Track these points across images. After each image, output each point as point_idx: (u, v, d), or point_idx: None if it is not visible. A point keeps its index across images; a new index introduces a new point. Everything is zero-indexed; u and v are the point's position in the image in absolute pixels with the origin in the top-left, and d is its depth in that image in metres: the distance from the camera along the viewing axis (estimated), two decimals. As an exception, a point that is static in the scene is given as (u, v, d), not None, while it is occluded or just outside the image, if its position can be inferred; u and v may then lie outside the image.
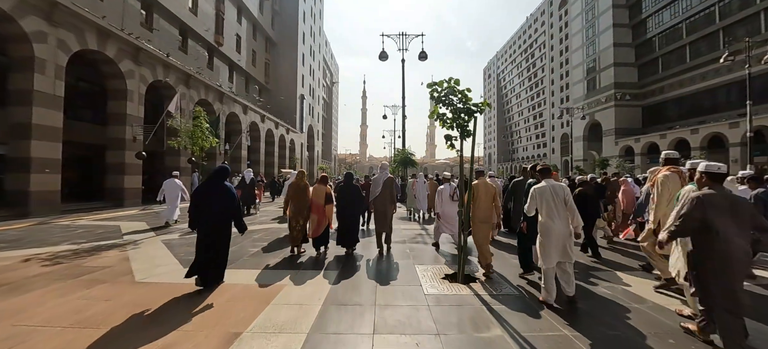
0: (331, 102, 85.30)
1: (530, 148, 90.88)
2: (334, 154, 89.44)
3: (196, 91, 19.93)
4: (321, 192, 5.99)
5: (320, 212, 5.93)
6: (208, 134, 9.14)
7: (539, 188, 3.86)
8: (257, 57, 37.79)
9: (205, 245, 4.06)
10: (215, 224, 4.13)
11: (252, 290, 4.14)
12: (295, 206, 5.99)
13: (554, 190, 3.77)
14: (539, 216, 3.84)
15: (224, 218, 4.22)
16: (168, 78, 17.31)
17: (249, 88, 36.32)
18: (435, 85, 4.53)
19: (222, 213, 4.18)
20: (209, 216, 4.10)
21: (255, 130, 29.97)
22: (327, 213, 5.95)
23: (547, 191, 3.77)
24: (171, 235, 7.79)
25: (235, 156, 26.26)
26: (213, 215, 4.12)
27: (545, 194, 3.77)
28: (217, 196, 4.18)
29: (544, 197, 3.76)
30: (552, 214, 3.71)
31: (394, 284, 4.43)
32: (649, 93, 45.80)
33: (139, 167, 15.46)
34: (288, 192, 6.14)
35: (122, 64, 14.48)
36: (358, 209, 6.27)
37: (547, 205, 3.74)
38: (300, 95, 44.94)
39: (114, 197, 14.69)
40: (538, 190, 3.85)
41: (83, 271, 4.78)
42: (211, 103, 21.55)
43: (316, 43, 55.90)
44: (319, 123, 61.66)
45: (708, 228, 2.69)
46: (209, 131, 9.42)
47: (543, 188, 3.82)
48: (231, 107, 24.65)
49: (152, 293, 3.95)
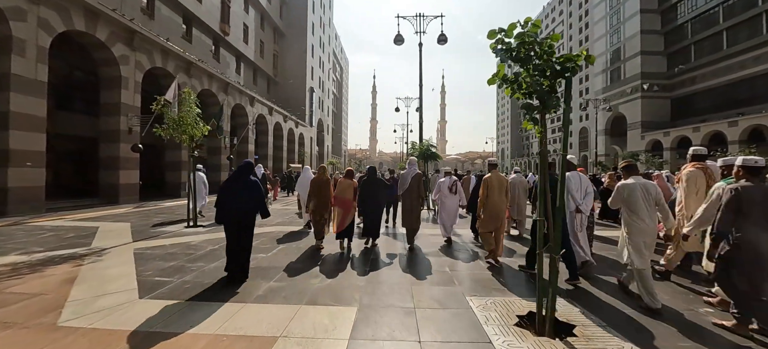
0: (340, 97, 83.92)
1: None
2: (344, 150, 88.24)
3: (198, 81, 18.70)
4: (347, 187, 6.05)
5: (346, 206, 5.96)
6: (198, 121, 7.68)
7: (628, 184, 3.66)
8: (265, 48, 36.54)
9: (231, 240, 4.15)
10: (240, 219, 4.15)
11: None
12: (318, 200, 6.01)
13: (646, 188, 3.58)
14: (625, 214, 3.69)
15: (249, 212, 4.23)
16: (167, 66, 16.09)
17: (257, 81, 35.16)
18: (503, 31, 2.96)
19: (247, 207, 4.19)
20: (234, 211, 4.11)
21: (263, 124, 28.77)
22: (353, 207, 6.04)
23: (637, 189, 3.58)
24: (155, 242, 6.46)
25: (242, 150, 25.08)
26: (238, 209, 4.13)
27: (635, 192, 3.57)
28: (242, 190, 4.18)
29: (635, 194, 3.57)
30: (643, 213, 3.52)
31: (449, 340, 2.84)
32: (679, 83, 42.84)
33: (135, 161, 14.32)
34: (311, 187, 6.16)
35: (115, 48, 13.27)
36: (381, 202, 6.37)
37: (636, 203, 3.54)
38: (309, 88, 43.63)
39: (108, 193, 13.58)
40: (627, 187, 3.64)
41: (0, 301, 3.43)
42: (215, 94, 20.34)
43: (326, 35, 54.44)
44: (329, 117, 60.38)
45: (742, 220, 2.81)
46: (200, 117, 7.92)
47: (633, 186, 3.62)
48: (237, 99, 23.42)
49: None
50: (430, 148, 11.34)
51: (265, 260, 5.27)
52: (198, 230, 7.64)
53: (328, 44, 57.19)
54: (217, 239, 6.49)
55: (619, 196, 3.69)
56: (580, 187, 4.55)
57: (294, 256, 5.53)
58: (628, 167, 3.85)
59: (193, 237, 6.88)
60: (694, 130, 36.90)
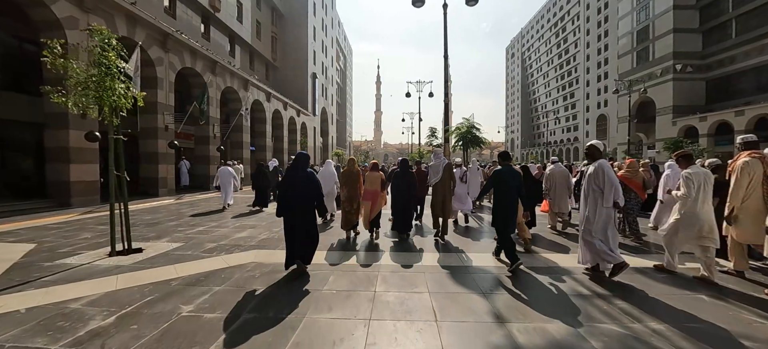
0: (344, 86, 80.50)
1: (558, 132, 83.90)
2: (349, 142, 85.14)
3: (178, 57, 15.71)
4: (375, 179, 6.23)
5: (374, 198, 6.09)
6: (122, 84, 4.68)
7: (695, 171, 3.95)
8: (263, 29, 33.33)
9: (289, 232, 4.11)
10: (304, 210, 4.15)
11: None
12: (348, 191, 6.11)
13: (707, 177, 3.95)
14: (684, 198, 3.95)
15: (311, 202, 4.21)
16: (136, 36, 13.10)
17: (254, 65, 32.08)
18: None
19: (310, 195, 4.19)
20: (299, 199, 4.11)
21: (260, 111, 25.79)
22: (382, 199, 6.21)
23: (701, 175, 3.92)
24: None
25: (236, 140, 22.18)
26: (303, 197, 4.14)
27: (699, 178, 3.89)
28: (300, 183, 4.15)
29: (699, 180, 3.88)
30: (702, 197, 3.87)
31: None
32: (716, 63, 38.92)
33: (93, 153, 11.46)
34: (341, 179, 6.31)
35: (56, 6, 10.30)
36: (413, 195, 6.32)
37: (698, 188, 3.86)
38: (312, 73, 40.44)
39: (58, 193, 10.77)
40: (694, 174, 3.92)
41: None
42: (199, 74, 17.33)
43: (328, 17, 50.95)
44: (334, 106, 57.22)
45: None
46: (124, 75, 4.93)
47: (698, 172, 3.95)
48: (228, 81, 20.40)
49: None
50: (474, 130, 8.30)
51: None
52: (135, 262, 4.73)
53: (331, 28, 53.69)
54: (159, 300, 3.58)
55: (691, 184, 3.86)
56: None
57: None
58: (687, 156, 4.18)
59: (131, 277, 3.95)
60: (737, 114, 33.24)
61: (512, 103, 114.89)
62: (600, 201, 3.87)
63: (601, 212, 3.87)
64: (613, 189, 3.81)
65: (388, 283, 3.88)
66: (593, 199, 3.94)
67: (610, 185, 3.82)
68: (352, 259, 4.88)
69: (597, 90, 68.34)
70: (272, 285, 3.75)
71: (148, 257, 4.83)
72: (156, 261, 4.63)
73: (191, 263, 4.51)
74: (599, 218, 3.88)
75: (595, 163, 3.98)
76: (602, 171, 3.87)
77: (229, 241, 5.95)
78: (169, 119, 14.78)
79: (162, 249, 5.31)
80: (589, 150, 4.10)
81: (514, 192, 4.54)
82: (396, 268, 4.48)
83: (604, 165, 3.91)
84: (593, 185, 3.94)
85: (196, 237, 6.24)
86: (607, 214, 3.88)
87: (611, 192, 3.80)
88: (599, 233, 3.87)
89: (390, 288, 3.72)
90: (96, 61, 4.68)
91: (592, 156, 4.05)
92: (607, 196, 3.81)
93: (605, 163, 3.95)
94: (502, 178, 4.54)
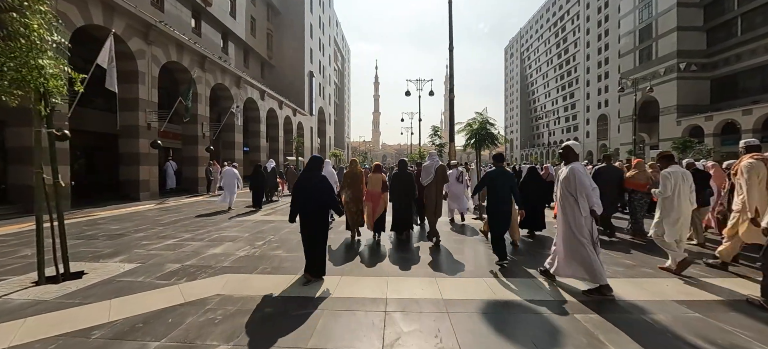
0: (343, 87, 79.43)
1: (558, 133, 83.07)
2: (347, 142, 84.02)
3: (162, 50, 14.59)
4: (377, 180, 6.17)
5: (376, 200, 6.06)
6: (52, 62, 3.58)
7: (673, 170, 4.24)
8: (257, 26, 32.20)
9: (309, 238, 4.02)
10: (314, 217, 4.04)
11: None
12: (352, 192, 6.11)
13: (685, 175, 4.26)
14: (666, 195, 4.22)
15: (322, 209, 4.10)
16: (113, 25, 11.97)
17: (249, 63, 30.96)
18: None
19: (319, 204, 4.06)
20: (308, 208, 4.01)
21: (254, 110, 24.69)
22: (383, 200, 6.15)
23: (678, 174, 4.21)
24: None
25: (228, 140, 21.08)
26: (311, 208, 4.02)
27: (677, 177, 4.18)
28: (314, 187, 4.06)
29: (676, 178, 4.18)
30: (680, 194, 4.15)
31: None
32: (721, 62, 38.18)
33: (63, 153, 10.32)
34: (344, 180, 6.27)
35: None
36: (412, 196, 6.37)
37: (675, 186, 4.16)
38: (308, 72, 39.34)
39: (20, 198, 9.64)
40: (672, 173, 4.21)
41: None
42: (187, 70, 16.21)
43: (326, 15, 49.88)
44: (331, 107, 56.11)
45: None
46: (58, 48, 3.85)
47: (676, 171, 4.24)
48: (218, 78, 19.29)
49: None
50: (488, 126, 7.29)
51: None
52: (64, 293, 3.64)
53: (329, 26, 52.61)
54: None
55: (668, 182, 4.20)
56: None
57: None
58: (668, 156, 4.51)
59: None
60: (744, 114, 32.43)
61: (511, 104, 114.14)
62: (576, 209, 3.56)
63: (580, 221, 3.53)
64: (586, 196, 3.50)
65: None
66: (569, 206, 3.61)
67: (582, 192, 3.50)
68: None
69: (597, 90, 67.63)
70: (236, 338, 2.66)
71: (85, 286, 3.74)
72: (91, 293, 3.55)
73: (136, 297, 3.44)
74: (578, 226, 3.54)
75: (568, 167, 3.67)
76: (574, 176, 3.55)
77: (198, 260, 4.88)
78: (151, 117, 13.66)
79: (109, 273, 4.22)
80: (564, 151, 3.80)
81: (508, 193, 4.60)
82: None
83: (576, 169, 3.58)
84: (566, 191, 3.64)
85: (159, 254, 5.15)
86: (584, 223, 3.53)
87: (584, 199, 3.49)
88: (586, 245, 3.51)
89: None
90: (13, 30, 3.58)
91: (567, 158, 3.75)
92: (582, 204, 3.50)
93: (578, 166, 3.64)
94: (495, 179, 4.61)
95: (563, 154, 3.79)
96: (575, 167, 3.60)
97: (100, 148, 15.84)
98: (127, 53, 12.80)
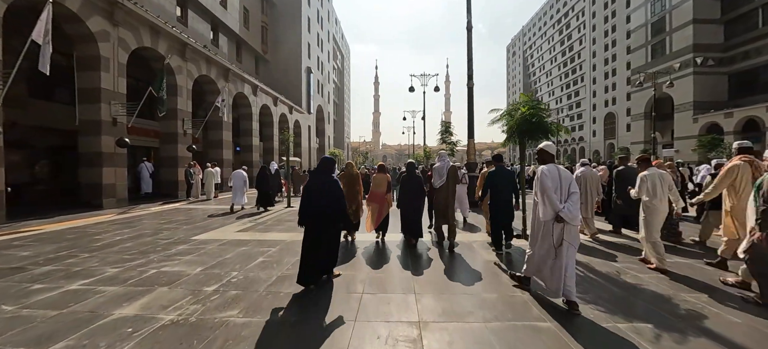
0: (342, 86, 77.51)
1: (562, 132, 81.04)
2: (347, 143, 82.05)
3: (132, 33, 12.61)
4: (381, 181, 6.18)
5: (380, 201, 6.06)
6: None
7: (650, 173, 4.45)
8: (251, 18, 30.25)
9: (312, 242, 3.85)
10: (330, 220, 3.92)
11: None
12: (348, 192, 5.83)
13: (662, 177, 4.42)
14: (644, 197, 4.43)
15: (337, 212, 3.94)
16: (68, 2, 9.99)
17: (242, 57, 29.00)
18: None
19: (329, 208, 3.89)
20: (317, 212, 3.87)
21: (245, 107, 22.75)
22: (387, 201, 6.12)
23: (655, 176, 4.41)
24: None
25: (215, 139, 19.10)
26: (320, 211, 3.86)
27: (654, 178, 4.39)
28: (324, 190, 3.91)
29: (653, 180, 4.38)
30: (658, 194, 4.35)
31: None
32: (740, 56, 36.27)
33: (-4, 152, 8.36)
34: (340, 181, 5.51)
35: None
36: (421, 200, 6.17)
37: (653, 187, 4.36)
38: (306, 67, 37.39)
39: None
40: (649, 175, 4.43)
41: None
42: (164, 56, 14.18)
43: (325, 10, 47.93)
44: (331, 105, 54.15)
45: None
46: None
47: (653, 173, 4.44)
48: (202, 69, 17.32)
49: None
50: (540, 111, 5.39)
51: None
52: None
53: (328, 22, 50.67)
54: None
55: (644, 184, 4.46)
56: (560, 185, 3.33)
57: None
58: (644, 159, 4.70)
59: None
60: (768, 110, 30.51)
61: (513, 103, 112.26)
62: (538, 211, 3.45)
63: (539, 223, 3.45)
64: (548, 200, 3.26)
65: None
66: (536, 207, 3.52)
67: (542, 196, 3.33)
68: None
69: (604, 88, 65.70)
70: None
71: None
72: None
73: None
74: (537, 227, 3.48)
75: (539, 168, 3.52)
76: (537, 180, 3.42)
77: (80, 335, 2.90)
78: (117, 110, 11.69)
79: None
80: (538, 153, 3.61)
81: (509, 191, 5.02)
82: None
83: (541, 171, 3.41)
84: (535, 193, 3.52)
85: (32, 315, 3.18)
86: (546, 229, 3.34)
87: (546, 204, 3.28)
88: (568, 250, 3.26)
89: None
90: None
91: (542, 160, 3.55)
92: (540, 208, 3.34)
93: (544, 168, 3.43)
94: (496, 179, 5.01)
95: (538, 156, 3.61)
96: (541, 169, 3.44)
97: (70, 148, 13.85)
98: (87, 35, 10.84)
